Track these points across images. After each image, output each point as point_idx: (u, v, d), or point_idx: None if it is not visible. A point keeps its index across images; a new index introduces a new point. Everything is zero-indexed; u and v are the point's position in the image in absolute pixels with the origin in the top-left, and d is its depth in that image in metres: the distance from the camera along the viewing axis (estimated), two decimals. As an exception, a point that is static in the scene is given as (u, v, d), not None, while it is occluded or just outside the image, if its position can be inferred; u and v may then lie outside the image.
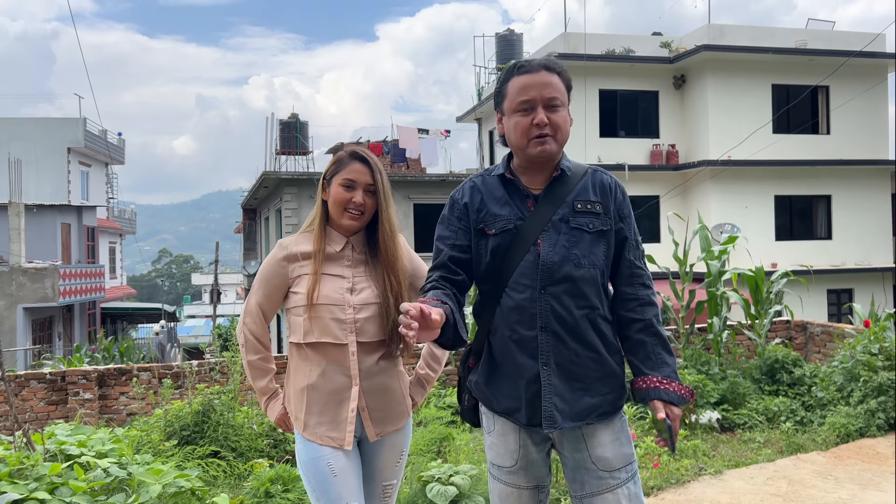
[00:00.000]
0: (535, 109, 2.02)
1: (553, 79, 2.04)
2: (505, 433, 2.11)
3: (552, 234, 2.04)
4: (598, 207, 2.08)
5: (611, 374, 2.07)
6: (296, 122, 22.56)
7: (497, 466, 2.14)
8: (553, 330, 2.00)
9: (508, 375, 2.06)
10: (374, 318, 2.28)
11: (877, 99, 20.06)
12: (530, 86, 2.03)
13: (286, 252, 2.34)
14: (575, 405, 2.02)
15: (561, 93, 2.05)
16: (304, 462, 2.28)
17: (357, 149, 2.38)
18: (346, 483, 2.23)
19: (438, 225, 2.19)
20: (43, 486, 3.14)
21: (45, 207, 23.39)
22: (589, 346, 2.03)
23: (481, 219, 2.10)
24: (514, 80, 2.07)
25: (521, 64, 2.08)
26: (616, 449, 2.07)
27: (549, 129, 2.02)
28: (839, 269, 19.08)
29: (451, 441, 5.12)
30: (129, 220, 37.78)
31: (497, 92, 2.13)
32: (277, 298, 2.37)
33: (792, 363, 6.77)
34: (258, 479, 4.20)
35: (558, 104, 2.04)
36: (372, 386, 2.29)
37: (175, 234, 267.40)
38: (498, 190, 2.12)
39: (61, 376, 7.36)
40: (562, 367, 2.01)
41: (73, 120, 29.10)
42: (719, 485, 4.60)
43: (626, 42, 19.90)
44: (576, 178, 2.11)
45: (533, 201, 2.09)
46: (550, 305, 2.00)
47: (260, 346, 2.41)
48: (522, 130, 2.04)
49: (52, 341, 22.82)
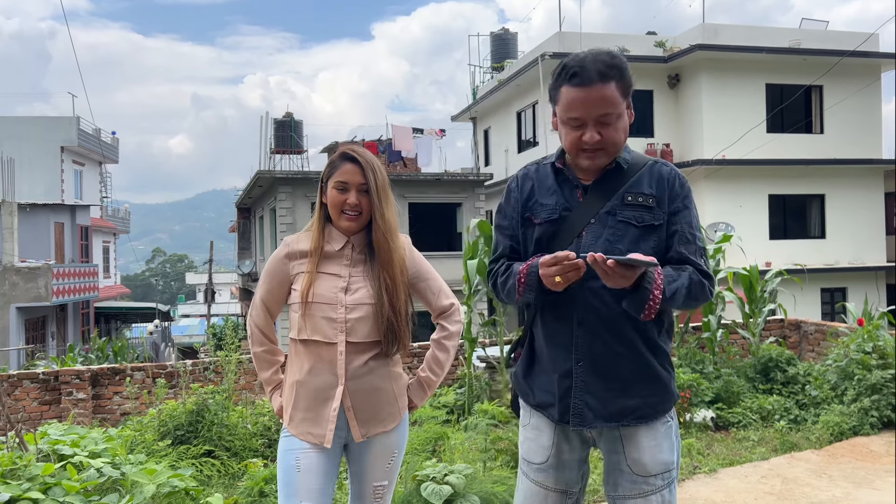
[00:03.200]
0: (586, 126, 1.92)
1: (607, 91, 1.89)
2: (539, 428, 2.07)
3: (597, 227, 1.96)
4: (650, 201, 1.97)
5: (653, 378, 1.98)
6: (290, 121, 22.54)
7: (528, 462, 2.10)
8: (590, 325, 1.94)
9: (545, 369, 2.04)
10: (366, 318, 2.27)
11: (870, 98, 20.13)
12: (580, 103, 1.90)
13: (288, 250, 2.37)
14: (610, 405, 1.96)
15: (615, 105, 1.91)
16: (279, 452, 2.36)
17: (348, 149, 2.37)
18: (307, 481, 2.25)
19: (497, 214, 2.17)
20: (36, 486, 3.12)
21: (38, 206, 23.28)
22: (627, 344, 1.95)
23: (529, 207, 2.06)
24: (566, 90, 1.93)
25: (574, 69, 1.91)
26: (654, 455, 1.99)
27: (600, 144, 1.93)
28: (833, 268, 19.14)
29: (446, 440, 5.12)
30: (122, 220, 37.66)
31: (550, 89, 2.01)
32: (280, 294, 2.39)
33: (786, 362, 6.78)
34: (252, 479, 4.19)
35: (612, 119, 1.92)
36: (359, 386, 2.28)
37: (169, 234, 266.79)
38: (549, 179, 2.07)
39: (54, 376, 7.34)
40: (597, 365, 1.95)
41: (66, 119, 28.99)
42: (714, 483, 4.60)
43: (621, 41, 19.91)
44: (633, 170, 2.01)
45: (582, 192, 2.02)
46: (588, 300, 1.94)
47: (264, 339, 2.46)
48: (572, 142, 1.96)
49: (46, 341, 22.73)
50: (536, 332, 2.07)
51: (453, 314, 2.46)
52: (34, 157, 27.38)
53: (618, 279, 1.79)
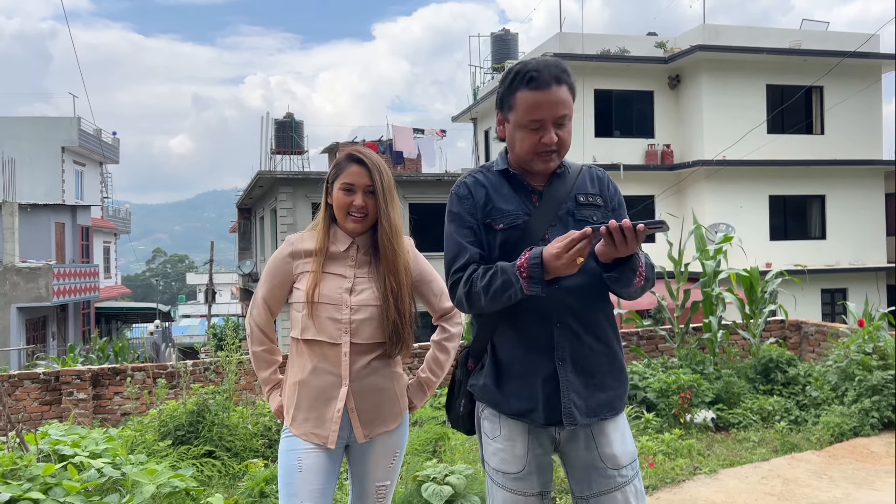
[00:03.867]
0: (545, 129, 1.98)
1: (563, 93, 1.98)
2: (512, 437, 2.05)
3: (560, 229, 2.01)
4: (598, 200, 2.10)
5: (620, 368, 2.08)
6: (291, 122, 22.55)
7: (502, 473, 2.05)
8: (568, 325, 1.99)
9: (520, 375, 2.02)
10: (371, 319, 2.27)
11: (871, 99, 20.14)
12: (542, 105, 1.96)
13: (291, 248, 2.37)
14: (590, 401, 2.01)
15: (569, 106, 2.01)
16: (280, 452, 2.33)
17: (355, 150, 2.37)
18: (308, 482, 2.24)
19: (451, 223, 2.10)
20: (36, 486, 3.12)
21: (39, 207, 23.29)
22: (602, 340, 2.04)
23: (488, 213, 2.06)
24: (523, 94, 1.98)
25: (531, 75, 1.98)
26: (623, 446, 2.05)
27: (556, 146, 2.01)
28: (833, 268, 19.14)
29: (447, 441, 5.12)
30: (123, 220, 37.68)
31: (502, 96, 2.06)
32: (281, 294, 2.39)
33: (786, 363, 6.78)
34: (253, 479, 4.20)
35: (566, 120, 2.01)
36: (363, 387, 2.29)
37: (170, 234, 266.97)
38: (502, 185, 2.09)
39: (55, 376, 7.34)
40: (577, 363, 2.00)
41: (67, 119, 29.01)
42: (714, 484, 4.60)
43: (622, 42, 19.93)
44: (574, 174, 2.13)
45: (538, 197, 2.08)
46: (564, 300, 1.98)
47: (264, 338, 2.45)
48: (529, 146, 2.01)
49: (46, 341, 22.74)
50: (500, 340, 2.05)
51: (454, 316, 2.48)
52: (35, 158, 27.40)
53: (636, 244, 1.83)
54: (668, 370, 6.60)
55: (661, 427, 5.77)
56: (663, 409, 6.01)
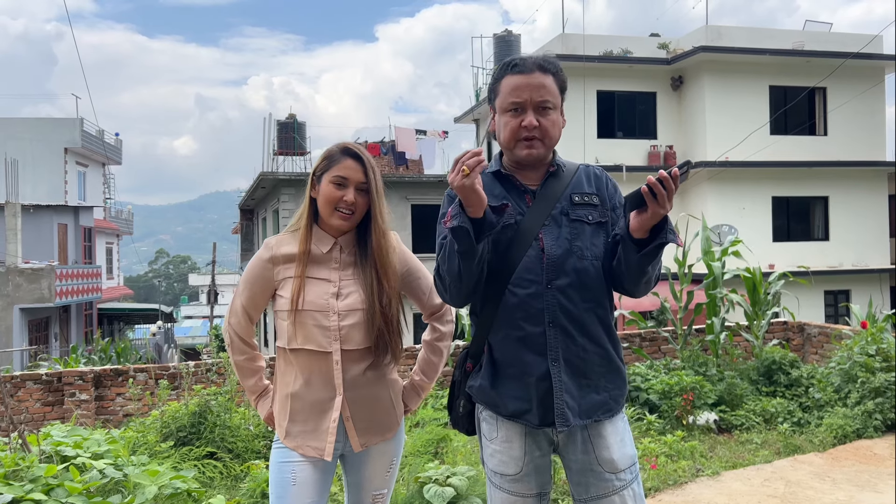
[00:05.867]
0: (526, 111, 2.00)
1: (547, 80, 2.01)
2: (510, 439, 2.04)
3: (553, 228, 2.02)
4: (594, 199, 2.08)
5: (615, 370, 2.06)
6: (294, 123, 22.56)
7: (500, 475, 2.05)
8: (561, 325, 1.98)
9: (515, 375, 2.01)
10: (359, 324, 2.17)
11: (874, 100, 20.10)
12: (522, 87, 2.00)
13: (271, 253, 2.24)
14: (583, 402, 2.00)
15: (553, 95, 2.02)
16: (272, 464, 2.23)
17: (350, 144, 2.25)
18: (302, 494, 2.16)
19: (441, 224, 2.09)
20: (39, 487, 3.12)
21: (41, 208, 23.34)
22: (596, 340, 2.02)
23: None
24: (507, 79, 2.03)
25: (515, 62, 2.04)
26: (621, 450, 2.04)
27: (538, 133, 2.01)
28: (836, 270, 19.11)
29: (449, 442, 5.12)
30: (126, 221, 37.74)
31: (490, 88, 2.10)
32: (262, 301, 2.28)
33: (789, 364, 6.77)
34: (255, 481, 4.19)
35: (550, 107, 2.02)
36: (358, 396, 2.20)
37: (172, 235, 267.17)
38: (494, 186, 2.08)
39: (57, 377, 7.34)
40: (570, 364, 1.99)
41: (70, 120, 29.07)
42: (717, 486, 4.59)
43: (624, 43, 19.92)
44: (570, 173, 2.12)
45: (531, 196, 2.07)
46: (557, 300, 1.98)
47: (246, 347, 2.33)
48: (511, 131, 2.02)
49: (49, 342, 22.78)
50: (496, 340, 2.04)
51: (445, 314, 2.38)
52: (38, 159, 27.46)
53: (674, 193, 1.80)
54: (671, 372, 6.59)
55: (664, 429, 5.76)
56: (666, 411, 6.00)
